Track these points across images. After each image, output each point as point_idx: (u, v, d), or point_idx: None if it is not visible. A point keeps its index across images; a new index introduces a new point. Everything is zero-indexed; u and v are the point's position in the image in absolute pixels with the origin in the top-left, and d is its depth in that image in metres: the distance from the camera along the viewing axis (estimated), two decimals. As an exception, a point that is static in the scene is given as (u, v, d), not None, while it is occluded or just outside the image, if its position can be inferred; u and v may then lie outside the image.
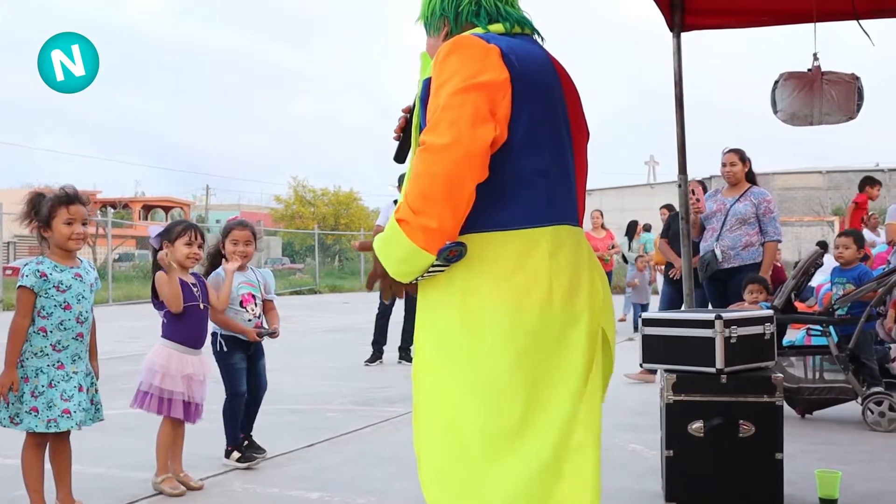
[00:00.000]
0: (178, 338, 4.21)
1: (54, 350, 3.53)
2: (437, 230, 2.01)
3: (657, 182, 44.11)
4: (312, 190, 43.99)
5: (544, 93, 2.17)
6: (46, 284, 3.54)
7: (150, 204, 52.50)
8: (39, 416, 3.47)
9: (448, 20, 2.28)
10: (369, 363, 8.99)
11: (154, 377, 4.13)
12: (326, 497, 4.06)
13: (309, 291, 26.26)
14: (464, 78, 2.03)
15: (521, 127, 2.09)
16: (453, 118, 1.99)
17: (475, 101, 2.01)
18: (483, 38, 2.11)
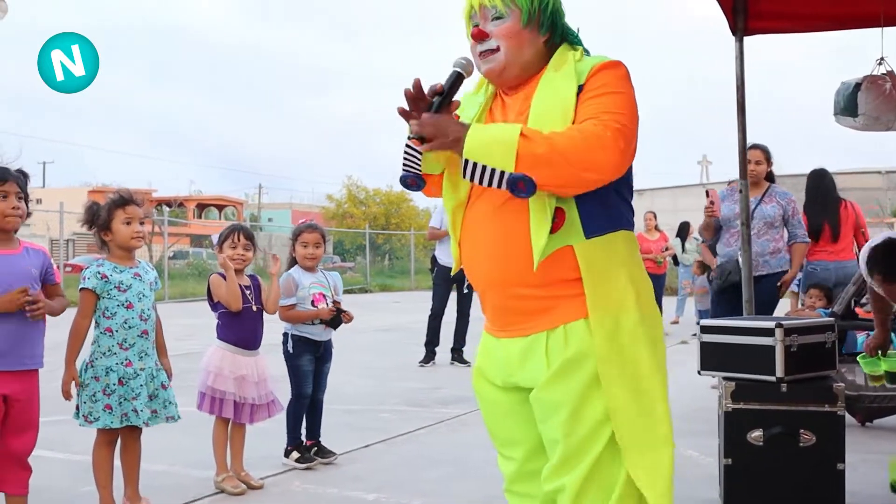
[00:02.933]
0: (231, 339, 4.30)
1: (121, 349, 3.64)
2: (540, 166, 2.05)
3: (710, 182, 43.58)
4: (365, 189, 44.28)
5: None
6: (108, 285, 3.65)
7: (204, 202, 53.28)
8: (113, 412, 3.59)
9: (555, 27, 2.29)
10: (423, 364, 9.04)
11: (208, 378, 4.23)
12: (383, 498, 4.11)
13: (360, 290, 26.46)
14: (635, 105, 2.20)
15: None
16: (632, 135, 2.14)
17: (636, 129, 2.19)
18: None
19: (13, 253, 3.32)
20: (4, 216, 3.27)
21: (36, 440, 3.40)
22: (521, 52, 2.25)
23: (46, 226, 27.17)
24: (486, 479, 4.34)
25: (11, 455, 3.31)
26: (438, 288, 9.24)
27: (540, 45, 2.27)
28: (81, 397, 3.61)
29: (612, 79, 2.18)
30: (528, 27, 2.27)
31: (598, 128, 2.09)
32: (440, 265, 9.18)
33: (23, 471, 3.37)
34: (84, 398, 3.60)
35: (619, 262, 2.20)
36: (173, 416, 3.80)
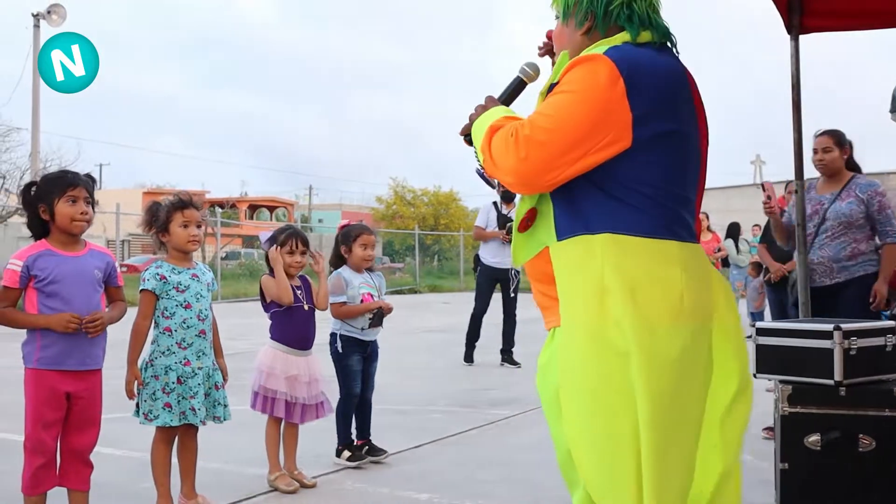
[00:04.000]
0: (284, 339, 4.35)
1: (180, 348, 3.71)
2: (485, 161, 2.12)
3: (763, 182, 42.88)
4: (412, 190, 44.40)
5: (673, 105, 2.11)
6: (166, 286, 3.72)
7: (255, 204, 53.91)
8: (172, 410, 3.66)
9: (595, 16, 2.19)
10: (467, 363, 9.13)
11: (260, 377, 4.29)
12: (435, 499, 4.12)
13: (409, 291, 26.54)
14: (579, 108, 2.06)
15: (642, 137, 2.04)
16: (543, 144, 2.04)
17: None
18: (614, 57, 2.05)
19: (78, 255, 3.40)
20: (73, 220, 3.35)
21: (98, 437, 3.47)
22: (561, 49, 2.27)
23: (103, 227, 27.67)
24: (536, 482, 4.34)
25: (74, 452, 3.39)
26: (482, 287, 9.27)
27: (577, 39, 2.22)
28: (141, 395, 3.69)
29: (572, 76, 2.06)
30: (567, 23, 2.25)
31: (510, 130, 2.03)
32: (484, 265, 9.20)
33: (85, 467, 3.44)
34: (144, 396, 3.68)
35: (593, 269, 2.03)
36: (220, 417, 3.86)
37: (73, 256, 3.37)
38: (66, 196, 3.33)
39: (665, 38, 2.18)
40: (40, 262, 3.29)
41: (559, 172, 2.02)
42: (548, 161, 2.00)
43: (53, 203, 3.32)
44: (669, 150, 2.09)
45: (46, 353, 3.29)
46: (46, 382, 3.28)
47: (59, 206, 3.32)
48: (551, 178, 2.03)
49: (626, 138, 2.02)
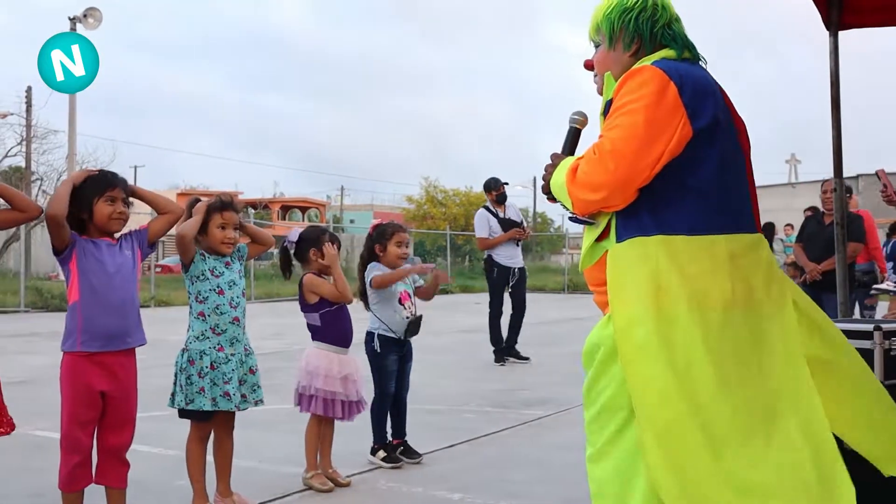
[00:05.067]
0: (330, 339, 4.36)
1: (214, 333, 3.77)
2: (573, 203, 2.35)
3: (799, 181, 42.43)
4: (444, 190, 44.43)
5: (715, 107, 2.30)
6: (204, 265, 3.80)
7: (287, 204, 54.22)
8: (205, 395, 3.71)
9: (642, 38, 2.42)
10: (500, 363, 9.16)
11: (316, 380, 4.29)
12: (469, 499, 4.12)
13: (441, 291, 26.56)
14: (639, 117, 2.27)
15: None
16: (622, 154, 2.26)
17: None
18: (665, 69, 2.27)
19: (113, 243, 3.46)
20: (110, 219, 3.41)
21: (133, 436, 3.50)
22: (605, 72, 2.48)
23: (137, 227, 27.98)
24: (571, 482, 4.31)
25: (110, 450, 3.42)
26: (497, 289, 9.38)
27: (625, 61, 2.42)
28: (178, 382, 3.73)
29: (629, 88, 2.26)
30: (613, 48, 2.45)
31: (591, 152, 2.25)
32: (500, 265, 9.29)
33: (121, 465, 3.48)
34: (180, 382, 3.72)
35: (640, 265, 2.22)
36: (261, 400, 3.90)
37: (107, 241, 3.44)
38: (105, 196, 3.39)
39: (698, 57, 2.43)
40: (79, 248, 3.35)
41: (646, 174, 2.22)
42: (633, 165, 2.21)
43: (93, 202, 3.37)
44: (716, 144, 2.27)
45: (89, 335, 3.31)
46: (82, 381, 3.31)
47: (98, 206, 3.37)
48: (640, 182, 2.23)
49: (687, 130, 2.23)
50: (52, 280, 25.21)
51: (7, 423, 3.22)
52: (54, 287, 19.93)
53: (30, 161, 31.20)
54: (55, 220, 3.26)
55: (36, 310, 17.49)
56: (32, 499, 4.09)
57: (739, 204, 2.31)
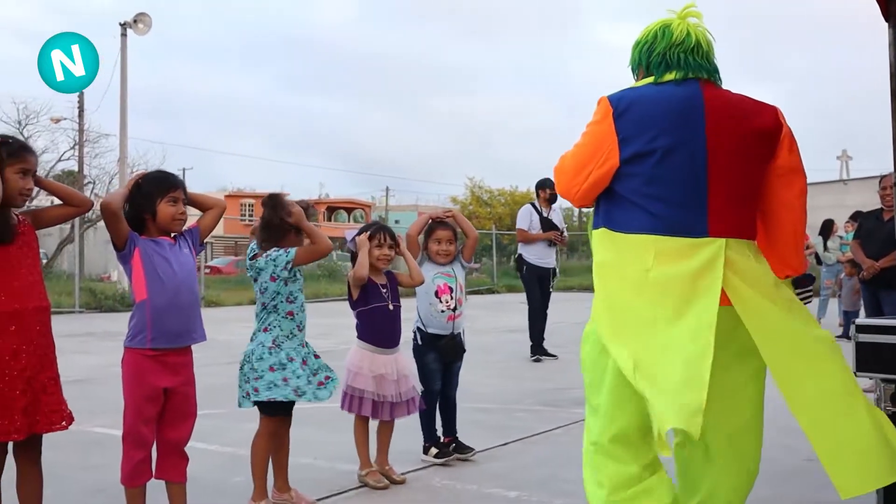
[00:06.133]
0: (370, 338, 4.37)
1: (299, 330, 3.89)
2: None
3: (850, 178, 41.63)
4: (489, 190, 44.38)
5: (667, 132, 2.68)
6: (296, 269, 3.89)
7: (333, 205, 54.59)
8: (288, 385, 3.77)
9: (643, 67, 2.88)
10: (539, 359, 9.39)
11: (348, 377, 4.32)
12: (524, 496, 4.10)
13: (487, 291, 26.52)
14: (584, 140, 2.86)
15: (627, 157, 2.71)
16: (563, 169, 2.95)
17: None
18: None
19: (173, 243, 3.51)
20: (173, 219, 3.47)
21: (193, 429, 3.54)
22: None
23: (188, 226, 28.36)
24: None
25: (171, 444, 3.47)
26: (530, 286, 9.57)
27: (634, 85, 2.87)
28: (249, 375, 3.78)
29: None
30: (636, 76, 2.93)
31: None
32: (530, 264, 9.50)
33: (181, 459, 3.52)
34: (250, 376, 3.77)
35: (595, 252, 2.84)
36: (333, 378, 3.98)
37: (167, 240, 3.49)
38: (168, 197, 3.44)
39: (695, 73, 2.77)
40: (141, 246, 3.40)
41: (577, 188, 2.82)
42: (566, 182, 2.87)
43: (156, 203, 3.42)
44: (653, 164, 2.68)
45: (159, 332, 3.35)
46: (146, 378, 3.36)
47: (161, 206, 3.43)
48: (573, 194, 2.85)
49: (614, 158, 2.72)
50: (105, 281, 25.68)
51: (67, 416, 3.27)
52: (107, 288, 20.29)
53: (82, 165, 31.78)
54: (110, 210, 3.31)
55: (90, 310, 17.80)
56: (93, 495, 4.16)
57: (676, 213, 2.67)
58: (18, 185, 3.14)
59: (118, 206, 3.35)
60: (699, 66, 2.77)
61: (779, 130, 2.77)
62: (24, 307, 3.13)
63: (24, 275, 3.16)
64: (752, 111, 2.75)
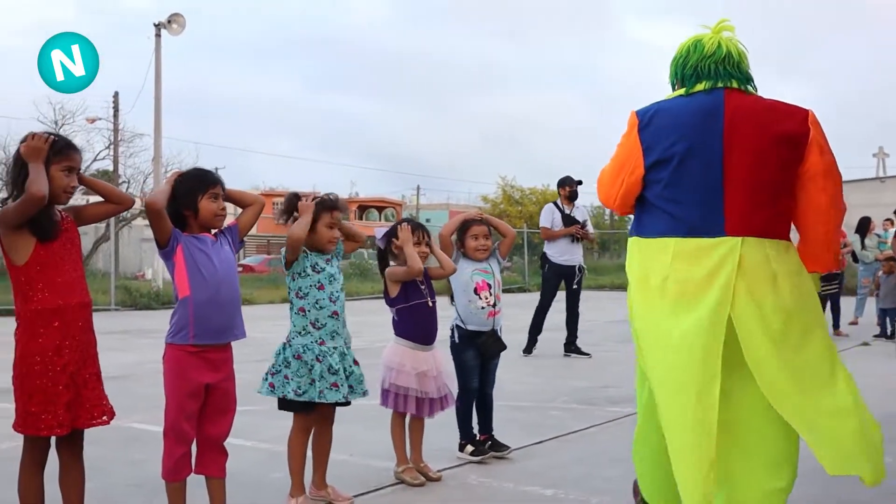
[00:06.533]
0: (409, 335, 4.36)
1: (314, 328, 3.83)
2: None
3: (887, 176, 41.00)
4: (521, 189, 44.26)
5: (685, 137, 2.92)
6: (305, 262, 3.85)
7: (364, 204, 54.73)
8: (315, 386, 3.76)
9: (678, 81, 3.12)
10: (526, 353, 9.55)
11: (390, 374, 4.31)
12: (561, 494, 4.09)
13: (518, 290, 26.46)
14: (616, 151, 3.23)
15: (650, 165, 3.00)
16: (601, 179, 3.30)
17: None
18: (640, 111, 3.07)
19: (214, 240, 3.53)
20: (215, 216, 3.49)
21: (232, 423, 3.55)
22: None
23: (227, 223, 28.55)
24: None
25: (210, 439, 3.49)
26: (549, 283, 9.72)
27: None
28: (279, 374, 3.78)
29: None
30: (673, 89, 3.16)
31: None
32: (552, 262, 9.62)
33: (220, 455, 3.54)
34: (292, 374, 3.76)
35: (628, 260, 3.12)
36: (367, 391, 3.96)
37: (208, 237, 3.51)
38: (209, 193, 3.47)
39: (725, 82, 2.97)
40: (183, 242, 3.41)
41: (614, 197, 3.13)
42: (604, 192, 3.19)
43: (198, 199, 3.45)
44: (672, 169, 2.93)
45: (202, 329, 3.37)
46: (189, 374, 3.38)
47: (203, 203, 3.45)
48: (612, 202, 3.16)
49: (640, 167, 3.01)
50: (140, 279, 25.95)
51: (108, 411, 3.31)
52: (142, 286, 20.51)
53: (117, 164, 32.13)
54: (154, 209, 3.34)
55: (125, 308, 18.00)
56: (133, 489, 4.20)
57: (694, 215, 2.90)
58: (63, 182, 3.18)
59: (163, 204, 3.37)
60: (729, 74, 2.98)
61: (806, 135, 2.88)
62: (67, 303, 3.16)
63: (67, 271, 3.19)
64: (778, 116, 2.89)
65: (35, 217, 3.09)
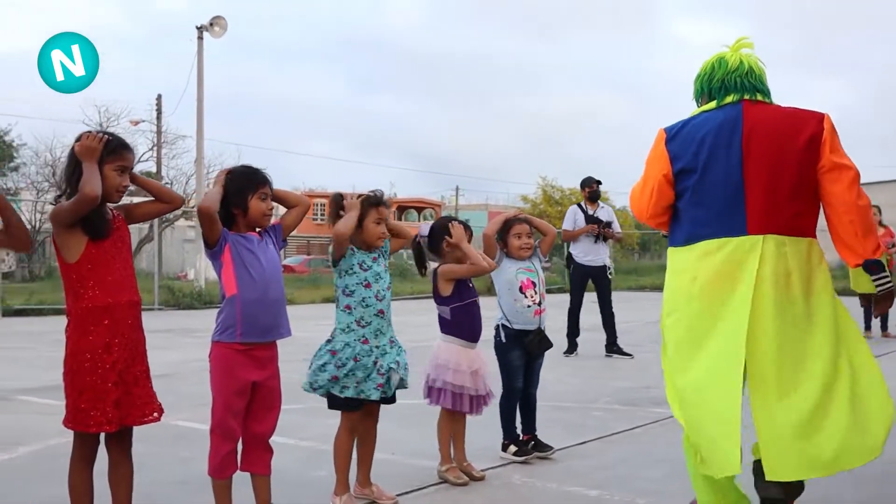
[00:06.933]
0: (461, 334, 4.35)
1: (359, 326, 3.82)
2: None
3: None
4: (561, 189, 44.05)
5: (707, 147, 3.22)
6: (352, 260, 3.85)
7: (403, 205, 54.83)
8: (356, 386, 3.78)
9: (705, 94, 3.40)
10: (567, 354, 9.50)
11: (445, 373, 4.28)
12: (606, 495, 4.05)
13: (558, 290, 26.32)
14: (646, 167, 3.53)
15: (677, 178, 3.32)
16: (632, 194, 3.55)
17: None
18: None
19: (260, 239, 3.55)
20: (263, 215, 3.51)
21: (277, 421, 3.57)
22: None
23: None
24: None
25: (257, 437, 3.51)
26: (575, 284, 9.77)
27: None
28: (323, 372, 3.78)
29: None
30: (699, 104, 3.43)
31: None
32: (577, 263, 9.70)
33: (266, 452, 3.56)
34: (329, 372, 3.77)
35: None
36: (406, 386, 3.97)
37: (253, 236, 3.52)
38: (259, 192, 3.48)
39: (751, 95, 3.27)
40: (231, 240, 3.43)
41: (646, 205, 3.40)
42: (636, 202, 3.47)
43: (248, 198, 3.46)
44: (696, 177, 3.23)
45: (249, 327, 3.39)
46: (236, 371, 3.40)
47: (252, 202, 3.47)
48: (646, 211, 3.43)
49: (667, 169, 3.30)
50: (182, 279, 26.25)
51: (158, 408, 3.34)
52: (185, 286, 20.74)
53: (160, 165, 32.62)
54: (208, 214, 3.36)
55: (168, 307, 18.22)
56: (180, 486, 4.25)
57: (718, 218, 3.19)
58: (116, 181, 3.21)
59: (217, 208, 3.39)
60: (753, 87, 3.28)
61: (821, 134, 3.13)
62: (116, 301, 3.20)
63: (117, 269, 3.23)
64: (796, 122, 3.17)
65: (87, 216, 3.12)
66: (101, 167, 3.15)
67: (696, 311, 3.21)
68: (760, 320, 3.07)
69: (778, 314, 3.08)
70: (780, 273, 3.10)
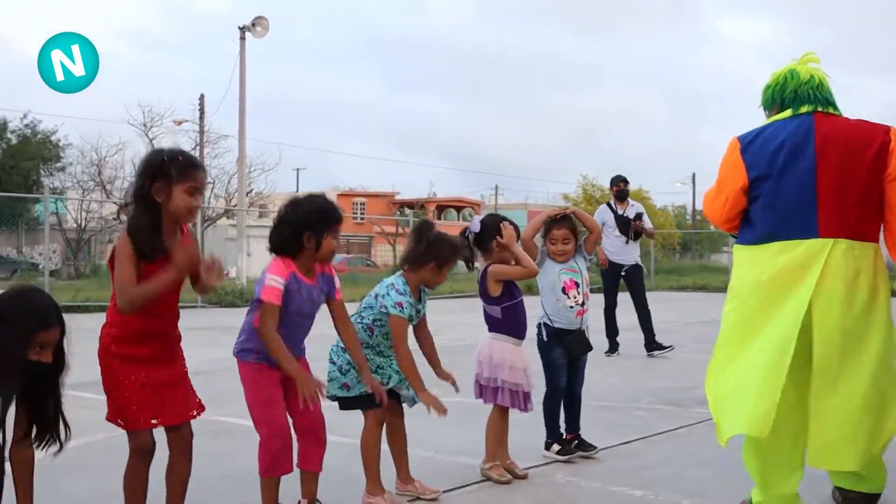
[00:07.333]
0: (512, 332, 4.33)
1: (369, 349, 3.87)
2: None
3: None
4: (601, 188, 43.82)
5: (783, 155, 3.37)
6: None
7: (442, 204, 54.86)
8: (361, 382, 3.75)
9: (776, 104, 3.56)
10: (609, 354, 9.39)
11: (501, 371, 4.26)
12: (650, 496, 4.00)
13: (598, 289, 26.17)
14: (720, 172, 3.69)
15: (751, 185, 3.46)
16: (706, 198, 3.79)
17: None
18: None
19: (313, 283, 3.47)
20: (333, 253, 3.46)
21: (321, 412, 3.52)
22: None
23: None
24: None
25: (308, 429, 3.47)
26: (607, 284, 9.74)
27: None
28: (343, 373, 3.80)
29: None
30: (769, 113, 3.61)
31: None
32: (608, 261, 9.67)
33: (319, 447, 3.51)
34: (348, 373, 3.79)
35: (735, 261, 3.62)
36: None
37: (310, 285, 3.44)
38: (334, 230, 3.43)
39: (823, 106, 3.45)
40: (291, 285, 3.35)
41: (720, 210, 3.57)
42: (709, 207, 3.66)
43: (322, 236, 3.39)
44: (772, 182, 3.38)
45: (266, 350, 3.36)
46: (264, 371, 3.39)
47: (327, 240, 3.40)
48: (719, 216, 3.59)
49: (743, 178, 3.45)
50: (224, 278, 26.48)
51: (198, 405, 3.34)
52: (227, 285, 20.94)
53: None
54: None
55: (211, 305, 18.38)
56: (221, 480, 4.27)
57: (789, 222, 3.34)
58: (186, 201, 3.10)
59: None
60: (826, 100, 3.47)
61: (888, 143, 3.31)
62: (153, 328, 3.17)
63: (162, 293, 3.12)
64: (864, 133, 3.35)
65: (140, 243, 3.04)
66: (171, 187, 3.08)
67: (757, 300, 3.37)
68: (829, 308, 3.23)
69: (845, 306, 3.24)
70: (850, 271, 3.26)
